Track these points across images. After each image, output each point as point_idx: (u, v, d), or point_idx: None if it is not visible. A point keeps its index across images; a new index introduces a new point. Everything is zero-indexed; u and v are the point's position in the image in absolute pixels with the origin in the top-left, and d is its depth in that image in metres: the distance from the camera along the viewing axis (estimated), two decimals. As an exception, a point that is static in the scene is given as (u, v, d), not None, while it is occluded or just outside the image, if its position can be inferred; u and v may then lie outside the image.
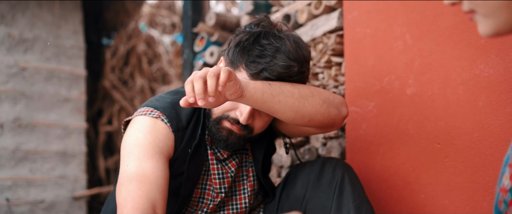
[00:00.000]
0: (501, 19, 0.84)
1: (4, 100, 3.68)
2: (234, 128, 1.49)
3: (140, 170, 1.37)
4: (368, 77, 1.89)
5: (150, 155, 1.41)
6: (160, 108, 1.51)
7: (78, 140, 4.14)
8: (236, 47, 1.47)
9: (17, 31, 3.80)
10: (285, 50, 1.44)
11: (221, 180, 1.58)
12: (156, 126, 1.47)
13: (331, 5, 2.08)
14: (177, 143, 1.50)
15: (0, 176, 3.60)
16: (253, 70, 1.42)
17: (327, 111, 1.50)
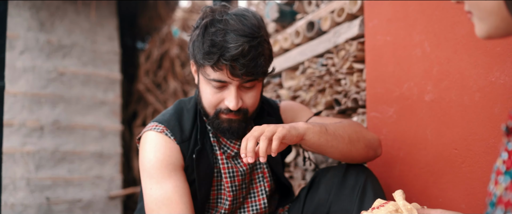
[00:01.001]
0: (492, 24, 0.88)
1: (44, 104, 3.85)
2: (231, 115, 1.57)
3: (163, 193, 1.50)
4: (388, 84, 1.93)
5: (167, 173, 1.53)
6: (164, 122, 1.62)
7: (113, 141, 4.29)
8: (192, 46, 1.54)
9: (56, 37, 3.97)
10: (231, 29, 1.47)
11: (231, 178, 1.67)
12: (162, 141, 1.58)
13: (353, 12, 2.13)
14: (184, 153, 1.60)
15: (41, 176, 3.77)
16: (211, 61, 1.47)
17: (367, 153, 1.61)
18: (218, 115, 1.58)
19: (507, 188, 0.70)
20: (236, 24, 1.48)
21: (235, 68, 1.46)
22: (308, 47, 2.41)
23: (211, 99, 1.55)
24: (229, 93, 1.53)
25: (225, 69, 1.48)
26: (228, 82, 1.51)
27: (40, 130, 3.82)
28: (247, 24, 1.50)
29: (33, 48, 3.83)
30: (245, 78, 1.51)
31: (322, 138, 1.46)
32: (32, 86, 3.79)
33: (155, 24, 5.18)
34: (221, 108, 1.56)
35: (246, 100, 1.57)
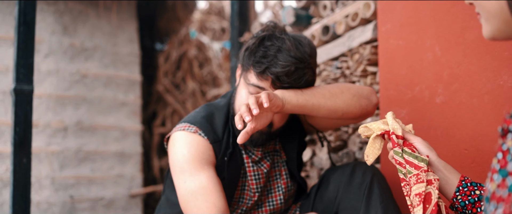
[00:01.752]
0: (495, 26, 0.95)
1: (68, 105, 3.99)
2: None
3: (198, 183, 1.59)
4: (401, 86, 2.00)
5: (201, 167, 1.62)
6: (196, 123, 1.71)
7: (134, 141, 4.42)
8: (245, 51, 1.66)
9: (79, 41, 4.11)
10: (285, 48, 1.59)
11: (257, 181, 1.77)
12: (195, 140, 1.67)
13: (367, 17, 2.20)
14: (216, 152, 1.69)
15: (65, 174, 3.91)
16: (258, 69, 1.59)
17: (358, 102, 1.69)
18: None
19: (499, 185, 0.77)
20: (291, 45, 1.61)
21: (278, 83, 1.59)
22: (323, 50, 2.49)
23: (245, 98, 1.66)
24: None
25: (269, 79, 1.60)
26: (266, 88, 1.62)
27: (64, 130, 3.95)
28: (301, 49, 1.63)
29: (57, 52, 3.96)
30: (285, 87, 1.61)
31: (300, 98, 1.58)
32: (56, 88, 3.93)
33: (174, 26, 5.29)
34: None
35: (274, 116, 1.67)
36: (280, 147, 1.85)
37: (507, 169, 0.77)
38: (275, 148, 1.84)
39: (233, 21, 3.11)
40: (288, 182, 1.84)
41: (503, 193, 0.75)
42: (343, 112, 1.67)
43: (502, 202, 0.74)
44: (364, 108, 1.71)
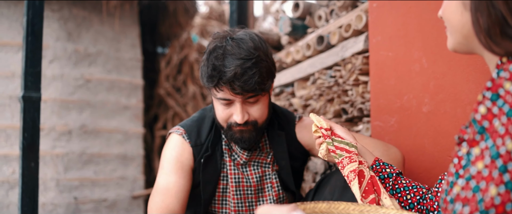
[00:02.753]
0: (456, 39, 1.06)
1: (72, 109, 4.10)
2: (241, 127, 1.76)
3: (165, 184, 1.77)
4: (390, 96, 2.11)
5: (175, 169, 1.80)
6: (185, 126, 1.88)
7: (136, 144, 4.53)
8: (200, 72, 1.73)
9: (83, 47, 4.22)
10: (228, 53, 1.64)
11: (236, 183, 1.88)
12: (179, 142, 1.85)
13: (359, 28, 2.31)
14: (195, 156, 1.84)
15: (69, 177, 4.02)
16: (212, 84, 1.65)
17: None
18: (230, 128, 1.78)
19: (463, 187, 0.86)
20: (232, 49, 1.64)
21: (234, 88, 1.65)
22: (318, 59, 2.59)
23: (222, 115, 1.76)
24: (235, 109, 1.72)
25: (226, 89, 1.67)
26: (233, 99, 1.70)
27: (68, 133, 4.06)
28: (243, 47, 1.66)
29: (61, 57, 4.08)
30: (246, 95, 1.69)
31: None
32: (61, 93, 4.04)
33: (175, 31, 5.40)
34: (231, 122, 1.76)
35: (253, 113, 1.76)
36: (272, 160, 1.93)
37: (470, 172, 0.86)
38: (266, 160, 1.92)
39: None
40: (279, 193, 1.92)
41: (467, 194, 0.85)
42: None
43: (467, 202, 0.84)
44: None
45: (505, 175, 0.81)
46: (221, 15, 6.59)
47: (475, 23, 0.96)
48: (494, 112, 0.87)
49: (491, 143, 0.84)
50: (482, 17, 0.94)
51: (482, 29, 0.94)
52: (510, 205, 0.81)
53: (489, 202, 0.81)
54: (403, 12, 2.07)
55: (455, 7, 1.03)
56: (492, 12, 0.92)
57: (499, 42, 0.93)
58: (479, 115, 0.89)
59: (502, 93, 0.87)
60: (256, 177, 1.90)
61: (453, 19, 1.04)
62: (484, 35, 0.94)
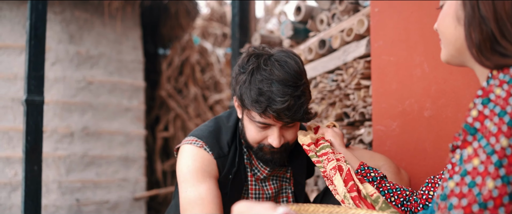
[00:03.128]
0: (449, 52, 1.11)
1: (74, 111, 4.11)
2: (274, 149, 1.72)
3: (197, 194, 1.66)
4: (392, 100, 2.12)
5: (202, 179, 1.69)
6: (203, 138, 1.78)
7: (138, 145, 4.53)
8: (240, 91, 1.66)
9: (84, 49, 4.23)
10: (276, 79, 1.58)
11: (257, 199, 1.86)
12: (200, 154, 1.74)
13: (361, 33, 2.32)
14: (220, 168, 1.77)
15: (71, 178, 4.03)
16: (259, 110, 1.59)
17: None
18: (262, 149, 1.73)
19: (458, 183, 0.91)
20: (280, 73, 1.58)
21: (281, 117, 1.60)
22: (320, 63, 2.61)
23: (255, 137, 1.70)
24: (272, 133, 1.67)
25: (272, 117, 1.62)
26: (272, 124, 1.66)
27: (71, 136, 4.07)
28: (290, 72, 1.60)
29: (63, 60, 4.09)
30: (288, 122, 1.66)
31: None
32: (63, 95, 4.05)
33: (176, 33, 5.40)
34: (264, 144, 1.71)
35: (287, 137, 1.72)
36: (290, 175, 1.92)
37: (465, 168, 0.90)
38: (285, 174, 1.91)
39: (235, 33, 3.23)
40: None
41: (463, 189, 0.89)
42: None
43: (464, 196, 0.89)
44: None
45: (501, 170, 0.86)
46: (223, 17, 6.60)
47: (468, 37, 1.01)
48: (486, 113, 0.91)
49: (485, 141, 0.89)
50: (475, 32, 1.00)
51: (474, 43, 1.00)
52: (507, 198, 0.86)
53: (487, 194, 0.86)
54: (404, 17, 2.08)
55: (449, 21, 1.08)
56: (483, 29, 0.99)
57: (489, 57, 0.99)
58: (471, 117, 0.93)
59: (493, 97, 0.91)
60: (274, 190, 1.88)
61: (447, 32, 1.09)
62: (475, 49, 1.00)
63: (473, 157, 0.90)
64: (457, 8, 1.06)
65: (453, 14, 1.07)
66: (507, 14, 0.98)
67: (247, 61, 1.67)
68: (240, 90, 1.65)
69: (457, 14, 1.06)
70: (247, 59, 1.67)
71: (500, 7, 0.98)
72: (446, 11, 1.10)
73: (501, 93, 0.91)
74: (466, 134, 0.93)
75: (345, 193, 1.41)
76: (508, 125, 0.88)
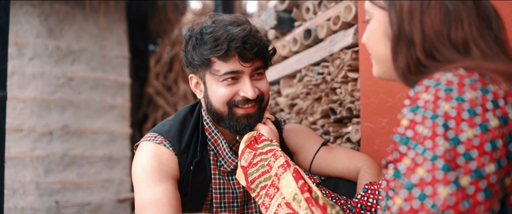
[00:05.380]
0: (381, 69, 1.08)
1: (53, 109, 3.92)
2: (249, 109, 1.58)
3: (152, 195, 1.50)
4: (382, 94, 1.92)
5: (158, 179, 1.53)
6: (164, 133, 1.63)
7: (122, 145, 4.34)
8: (192, 56, 1.57)
9: (65, 44, 4.03)
10: (228, 22, 1.54)
11: (221, 195, 1.67)
12: (159, 151, 1.59)
13: (348, 21, 2.12)
14: (181, 165, 1.61)
15: (50, 180, 3.84)
16: (220, 52, 1.50)
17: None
18: (233, 112, 1.57)
19: (406, 199, 0.84)
20: (231, 18, 1.56)
21: (245, 52, 1.50)
22: (305, 55, 2.41)
23: (225, 94, 1.55)
24: (244, 84, 1.55)
25: (236, 55, 1.51)
26: (241, 71, 1.53)
27: (49, 134, 3.88)
28: (240, 18, 1.58)
29: (42, 55, 3.89)
30: (255, 64, 1.55)
31: None
32: (41, 92, 3.86)
33: (165, 28, 5.22)
34: (235, 100, 1.56)
35: (261, 87, 1.59)
36: None
37: (411, 182, 0.84)
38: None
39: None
40: None
41: (414, 204, 0.82)
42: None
43: (416, 212, 0.82)
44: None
45: (450, 174, 0.81)
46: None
47: (394, 59, 1.00)
48: (417, 120, 0.87)
49: (421, 148, 0.85)
50: (400, 56, 0.98)
51: (399, 67, 0.99)
52: (466, 203, 0.80)
53: (442, 204, 0.79)
54: (395, 2, 1.88)
55: (378, 38, 1.05)
56: (409, 54, 0.97)
57: (414, 79, 0.97)
58: (402, 127, 0.89)
59: (421, 103, 0.88)
60: (242, 187, 1.70)
61: (378, 50, 1.06)
62: (401, 73, 0.99)
63: (414, 168, 0.84)
64: (385, 24, 1.02)
65: (382, 30, 1.03)
66: (436, 32, 0.95)
67: (189, 34, 1.62)
68: (193, 55, 1.57)
69: (386, 32, 1.02)
70: (189, 32, 1.63)
71: (428, 25, 0.95)
72: (375, 27, 1.06)
73: (428, 98, 0.87)
74: (399, 145, 0.89)
75: (297, 193, 1.27)
76: (444, 127, 0.84)
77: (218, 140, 1.68)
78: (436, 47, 0.95)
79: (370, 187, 1.43)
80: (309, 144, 1.77)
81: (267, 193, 1.38)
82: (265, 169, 1.43)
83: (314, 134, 1.83)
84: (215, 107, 1.59)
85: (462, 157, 0.82)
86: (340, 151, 1.74)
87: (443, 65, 0.94)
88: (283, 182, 1.33)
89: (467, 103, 0.85)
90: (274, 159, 1.42)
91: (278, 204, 1.33)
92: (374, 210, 1.39)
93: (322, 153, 1.72)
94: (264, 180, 1.41)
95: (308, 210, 1.21)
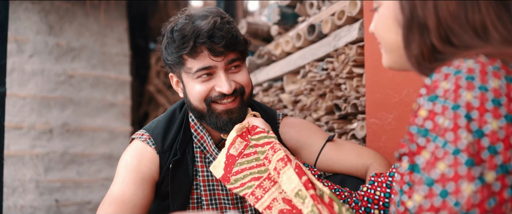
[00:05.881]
0: (392, 58, 1.02)
1: (53, 106, 3.88)
2: (229, 104, 1.53)
3: (121, 194, 1.49)
4: (388, 89, 1.88)
5: (134, 180, 1.53)
6: (150, 130, 1.61)
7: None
8: (166, 54, 1.53)
9: (65, 41, 3.99)
10: (195, 17, 1.49)
11: (211, 191, 1.62)
12: (142, 150, 1.58)
13: (353, 15, 2.09)
14: (162, 164, 1.58)
15: (50, 178, 3.80)
16: (188, 49, 1.44)
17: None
18: (213, 108, 1.52)
19: (427, 196, 0.78)
20: (201, 12, 1.51)
21: (213, 46, 1.44)
22: (308, 51, 2.37)
23: (201, 91, 1.50)
24: (219, 79, 1.50)
25: (205, 51, 1.45)
26: (213, 66, 1.48)
27: (49, 132, 3.84)
28: (211, 9, 1.53)
29: (42, 52, 3.85)
30: (228, 57, 1.49)
31: None
32: (41, 90, 3.82)
33: (166, 26, 5.17)
34: (212, 96, 1.51)
35: (239, 80, 1.54)
36: None
37: (431, 177, 0.78)
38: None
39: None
40: None
41: (435, 202, 0.77)
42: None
43: (437, 211, 0.76)
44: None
45: (474, 169, 0.75)
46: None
47: (406, 46, 0.94)
48: (437, 110, 0.81)
49: (442, 140, 0.78)
50: (413, 43, 0.92)
51: (413, 55, 0.93)
52: (492, 201, 0.74)
53: (467, 202, 0.73)
54: (401, -5, 1.84)
55: (389, 25, 0.99)
56: (423, 40, 0.91)
57: (429, 67, 0.91)
58: (420, 118, 0.83)
59: (441, 93, 0.82)
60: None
61: (388, 38, 1.00)
62: (415, 61, 0.93)
63: (434, 162, 0.78)
64: (396, 11, 0.96)
65: (393, 17, 0.97)
66: (452, 15, 0.88)
67: (163, 33, 1.58)
68: (166, 55, 1.53)
69: (397, 18, 0.96)
70: (162, 32, 1.58)
71: (443, 8, 0.89)
72: (384, 14, 1.00)
73: (448, 86, 0.81)
74: (417, 137, 0.83)
75: (301, 189, 1.20)
76: (466, 118, 0.77)
77: (204, 136, 1.63)
78: (453, 31, 0.88)
79: (377, 179, 1.37)
80: (312, 139, 1.68)
81: (261, 185, 1.32)
82: (260, 162, 1.37)
83: (317, 129, 1.75)
84: (194, 104, 1.55)
85: (487, 150, 0.76)
86: (347, 147, 1.66)
87: (460, 51, 0.87)
88: (283, 176, 1.26)
89: (491, 92, 0.79)
90: (273, 152, 1.35)
91: (273, 197, 1.27)
92: (382, 204, 1.33)
93: (328, 150, 1.64)
94: (258, 172, 1.35)
95: (314, 207, 1.15)
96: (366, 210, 1.33)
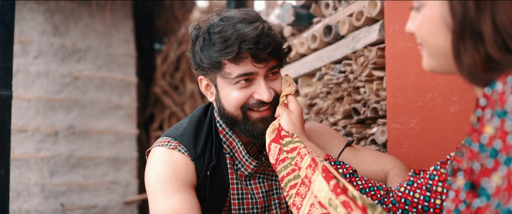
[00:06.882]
0: (437, 62, 0.94)
1: (58, 108, 3.81)
2: (265, 112, 1.48)
3: (169, 207, 1.39)
4: (410, 93, 1.81)
5: (175, 188, 1.43)
6: (178, 137, 1.53)
7: (129, 145, 4.24)
8: (201, 58, 1.46)
9: (70, 42, 3.93)
10: (237, 20, 1.43)
11: (239, 201, 1.57)
12: (173, 157, 1.48)
13: (373, 16, 2.01)
14: (198, 171, 1.50)
15: (55, 181, 3.73)
16: (232, 54, 1.39)
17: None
18: (248, 115, 1.48)
19: None
20: (240, 14, 1.46)
21: (258, 52, 1.39)
22: (325, 52, 2.29)
23: (239, 98, 1.45)
24: (258, 86, 1.45)
25: (249, 57, 1.40)
26: (254, 73, 1.43)
27: (55, 135, 3.78)
28: (251, 13, 1.48)
29: (47, 53, 3.79)
30: (269, 64, 1.44)
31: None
32: (46, 91, 3.75)
33: (172, 26, 5.11)
34: (249, 103, 1.46)
35: (276, 87, 1.49)
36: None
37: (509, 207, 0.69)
38: (274, 172, 1.62)
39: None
40: (288, 211, 1.64)
41: None
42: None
43: None
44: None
45: None
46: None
47: (456, 56, 0.87)
48: (507, 129, 0.72)
49: None
50: (465, 53, 0.84)
51: (464, 66, 0.85)
52: None
53: None
54: (426, -5, 1.77)
55: (436, 28, 0.90)
56: (477, 50, 0.82)
57: (483, 77, 0.84)
58: (486, 136, 0.75)
59: (510, 108, 0.74)
60: (262, 192, 1.59)
61: (435, 42, 0.92)
62: (467, 73, 0.86)
63: (511, 190, 0.68)
64: (444, 12, 0.87)
65: (440, 20, 0.89)
66: (511, 20, 0.79)
67: (195, 33, 1.50)
68: (202, 57, 1.46)
69: (446, 21, 0.87)
70: (195, 32, 1.50)
71: (501, 13, 0.79)
72: (430, 16, 0.91)
73: None
74: (482, 157, 0.75)
75: (331, 197, 1.13)
76: None
77: (233, 142, 1.57)
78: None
79: (416, 180, 1.27)
80: (331, 144, 1.64)
81: (298, 193, 1.25)
82: (292, 168, 1.32)
83: (337, 134, 1.72)
84: (228, 111, 1.49)
85: None
86: (366, 153, 1.62)
87: None
88: (315, 185, 1.20)
89: None
90: (301, 159, 1.29)
91: (311, 203, 1.21)
92: (420, 207, 1.24)
93: (346, 155, 1.60)
94: (294, 178, 1.29)
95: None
96: (403, 212, 1.25)
